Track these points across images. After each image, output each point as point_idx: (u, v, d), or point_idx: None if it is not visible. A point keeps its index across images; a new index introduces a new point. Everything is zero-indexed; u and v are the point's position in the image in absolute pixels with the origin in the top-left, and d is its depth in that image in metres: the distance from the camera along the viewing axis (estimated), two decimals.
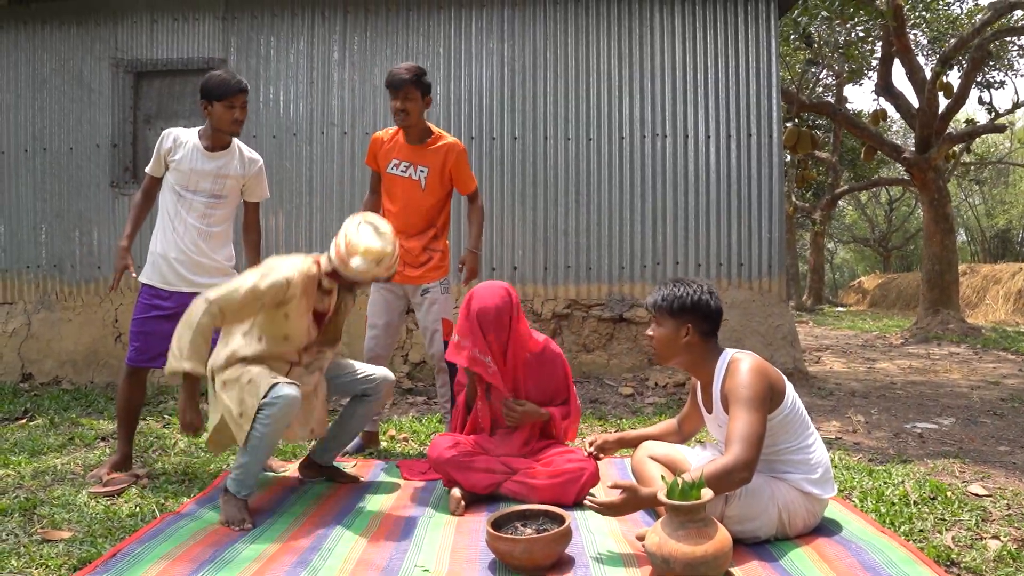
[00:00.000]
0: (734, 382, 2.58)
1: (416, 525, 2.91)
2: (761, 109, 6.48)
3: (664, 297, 2.73)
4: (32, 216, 6.85)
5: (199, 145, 3.66)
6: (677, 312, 2.69)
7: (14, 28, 6.90)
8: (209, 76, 3.63)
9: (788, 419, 2.64)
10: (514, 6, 6.61)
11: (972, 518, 2.85)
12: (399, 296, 4.10)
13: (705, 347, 2.74)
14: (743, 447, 2.44)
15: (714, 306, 2.73)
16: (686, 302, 2.69)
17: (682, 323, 2.70)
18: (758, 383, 2.55)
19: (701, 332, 2.72)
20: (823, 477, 2.66)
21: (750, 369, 2.59)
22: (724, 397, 2.65)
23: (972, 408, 5.44)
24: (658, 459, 2.98)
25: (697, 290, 2.72)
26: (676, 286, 2.74)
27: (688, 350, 2.73)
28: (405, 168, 3.96)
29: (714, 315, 2.74)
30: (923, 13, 15.17)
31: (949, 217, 12.25)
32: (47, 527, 2.91)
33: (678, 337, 2.72)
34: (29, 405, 5.66)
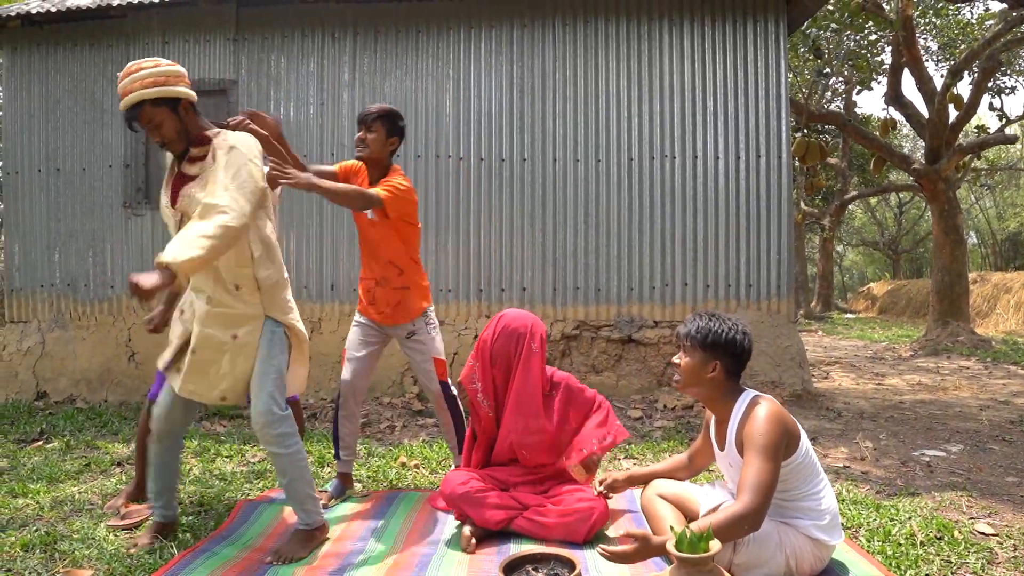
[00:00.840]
0: (751, 428, 2.59)
1: (428, 564, 2.95)
2: (770, 129, 6.51)
3: (699, 329, 2.74)
4: (46, 236, 6.93)
5: None
6: (709, 346, 2.71)
7: (27, 50, 6.99)
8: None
9: (800, 466, 2.67)
10: (523, 27, 6.65)
11: (978, 560, 2.87)
12: (379, 333, 3.96)
13: (728, 385, 2.76)
14: (754, 496, 2.46)
15: (746, 346, 2.74)
16: (720, 338, 2.70)
17: (711, 358, 2.71)
18: (775, 432, 2.56)
19: (727, 370, 2.74)
20: (831, 523, 2.69)
21: (768, 416, 2.59)
22: (739, 439, 2.67)
23: (981, 432, 5.45)
24: (667, 498, 3.02)
25: (732, 328, 2.73)
26: (712, 320, 2.75)
27: (711, 385, 2.75)
28: None
29: (743, 355, 2.75)
30: (933, 19, 15.16)
31: (959, 228, 12.23)
32: (69, 565, 2.96)
33: (704, 371, 2.73)
34: (45, 426, 5.73)
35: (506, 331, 3.34)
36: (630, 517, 3.48)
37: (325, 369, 6.54)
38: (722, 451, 2.82)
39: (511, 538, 3.18)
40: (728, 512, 2.46)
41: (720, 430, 2.82)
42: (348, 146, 6.69)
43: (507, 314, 3.42)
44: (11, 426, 5.80)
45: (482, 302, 6.57)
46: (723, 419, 2.79)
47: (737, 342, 2.71)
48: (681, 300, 6.49)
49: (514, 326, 3.35)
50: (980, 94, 12.18)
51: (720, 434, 2.82)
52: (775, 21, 6.55)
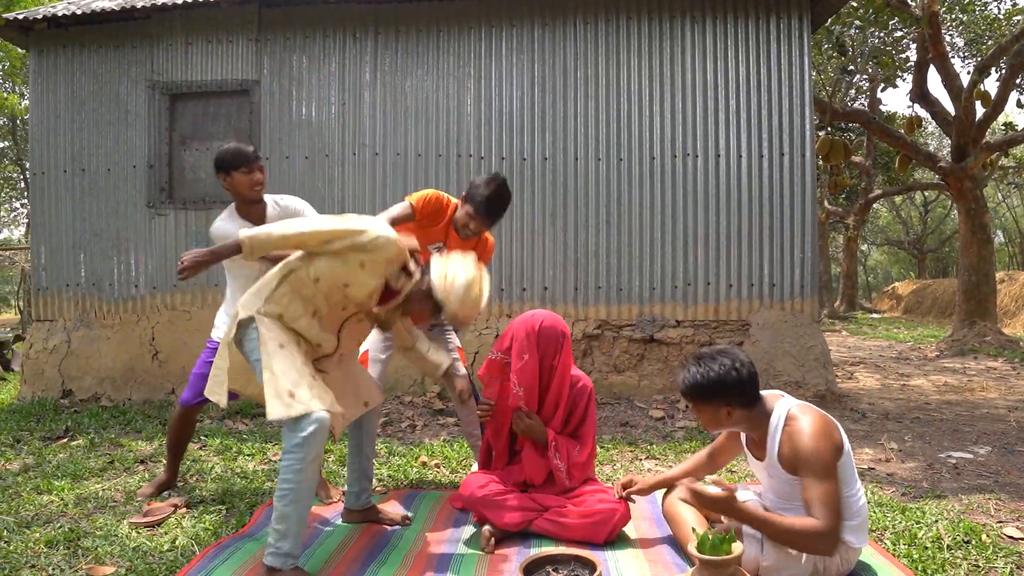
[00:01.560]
0: (802, 450, 2.51)
1: (448, 564, 2.94)
2: (794, 127, 6.44)
3: (691, 387, 2.64)
4: (71, 236, 7.00)
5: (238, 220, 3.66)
6: (710, 397, 2.62)
7: (53, 52, 7.07)
8: (221, 150, 3.62)
9: (842, 466, 2.60)
10: (544, 26, 6.63)
11: (1007, 565, 2.82)
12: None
13: (751, 413, 2.67)
14: (828, 514, 2.43)
15: (744, 376, 2.61)
16: (716, 386, 2.60)
17: (720, 405, 2.63)
18: (827, 451, 2.50)
19: (741, 406, 2.64)
20: (860, 525, 2.62)
21: (816, 434, 2.51)
22: (785, 457, 2.58)
23: (1009, 434, 5.36)
24: (690, 502, 2.99)
25: (721, 369, 2.60)
26: (699, 369, 2.63)
27: (734, 422, 2.69)
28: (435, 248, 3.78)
29: (747, 385, 2.63)
30: (960, 15, 14.95)
31: (986, 227, 12.05)
32: (92, 562, 2.99)
33: (720, 416, 2.66)
34: (70, 423, 5.79)
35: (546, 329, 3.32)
36: (652, 520, 3.45)
37: None
38: (761, 461, 2.74)
39: (531, 539, 3.17)
40: (803, 523, 2.43)
41: (758, 443, 2.74)
42: (369, 145, 6.70)
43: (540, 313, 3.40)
44: (37, 423, 5.87)
45: (503, 302, 6.56)
46: (760, 435, 2.71)
47: (732, 380, 2.59)
48: (704, 300, 6.44)
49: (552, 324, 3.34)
50: (1008, 91, 11.99)
51: (757, 446, 2.75)
52: (799, 18, 6.48)
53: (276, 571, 2.65)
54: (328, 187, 6.72)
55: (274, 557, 2.65)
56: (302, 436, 2.61)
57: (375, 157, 6.72)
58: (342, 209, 6.68)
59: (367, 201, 6.68)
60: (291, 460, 2.64)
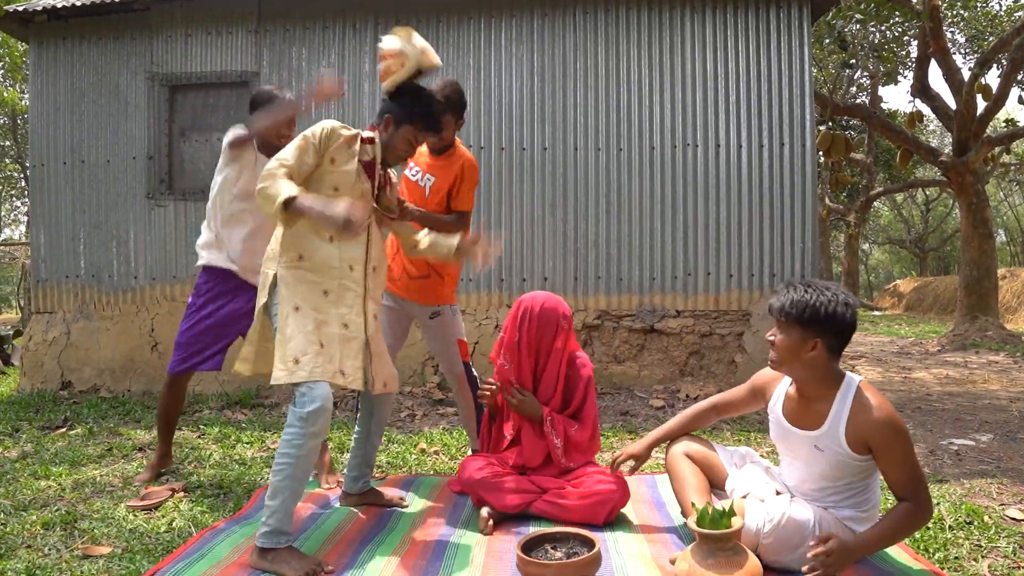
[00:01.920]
0: (884, 427, 2.39)
1: (447, 545, 2.92)
2: (794, 118, 6.42)
3: (794, 303, 2.45)
4: (71, 227, 6.99)
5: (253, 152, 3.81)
6: (808, 322, 2.43)
7: (53, 43, 7.06)
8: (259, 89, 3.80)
9: None
10: (543, 16, 6.62)
11: (1010, 545, 2.80)
12: (402, 315, 3.92)
13: (829, 365, 2.49)
14: (922, 493, 2.42)
15: (849, 319, 2.43)
16: (819, 313, 2.41)
17: (811, 335, 2.44)
18: (907, 435, 2.43)
19: (829, 348, 2.46)
20: (870, 517, 2.58)
21: (891, 411, 2.42)
22: (853, 432, 2.45)
23: (1011, 423, 5.34)
24: (693, 458, 2.94)
25: (832, 300, 2.42)
26: (808, 291, 2.45)
27: (810, 364, 2.48)
28: (416, 173, 3.80)
29: (848, 332, 2.46)
30: (961, 11, 14.93)
31: (988, 221, 12.03)
32: (88, 542, 2.98)
33: (803, 349, 2.46)
34: (68, 414, 5.78)
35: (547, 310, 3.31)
36: (651, 503, 3.43)
37: None
38: (807, 431, 2.56)
39: (530, 521, 3.15)
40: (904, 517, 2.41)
41: (807, 409, 2.58)
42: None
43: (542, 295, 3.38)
44: (36, 414, 5.86)
45: (503, 291, 6.54)
46: (812, 397, 2.56)
47: (839, 315, 2.41)
48: (704, 290, 6.42)
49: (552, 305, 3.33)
50: (1009, 85, 11.97)
51: (807, 413, 2.58)
52: (799, 8, 6.46)
53: (268, 551, 2.63)
54: None
55: (266, 537, 2.64)
56: (305, 412, 2.63)
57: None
58: None
59: None
60: (291, 434, 2.65)
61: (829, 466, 2.55)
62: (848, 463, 2.50)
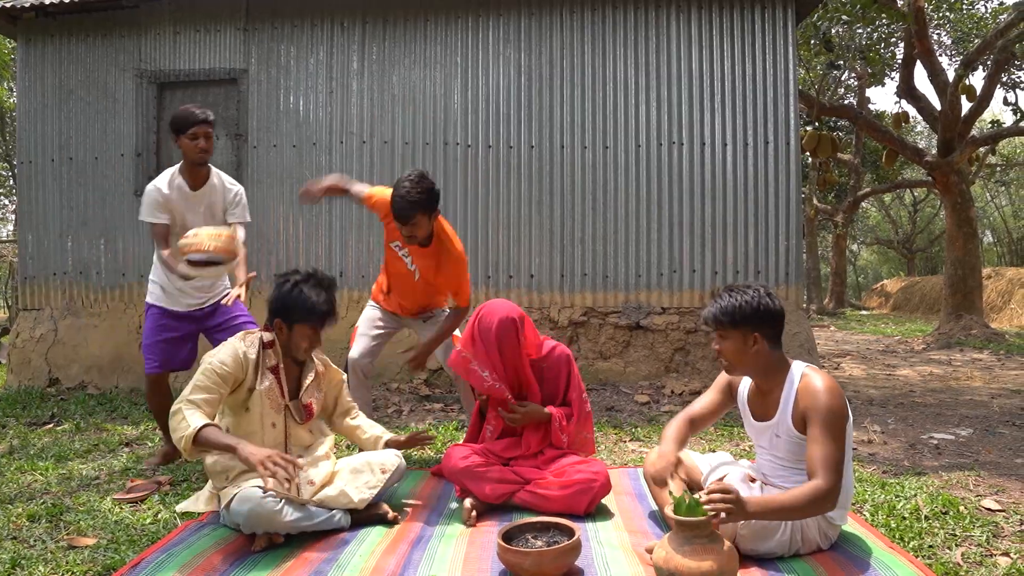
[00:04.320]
0: (817, 404, 2.52)
1: (430, 536, 2.95)
2: (778, 116, 6.48)
3: (724, 310, 2.64)
4: (58, 224, 6.99)
5: (183, 186, 3.95)
6: (740, 322, 2.62)
7: (41, 40, 7.05)
8: (174, 112, 3.94)
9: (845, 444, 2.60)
10: (531, 15, 6.65)
11: (983, 534, 2.85)
12: (394, 321, 4.15)
13: (772, 354, 2.67)
14: (831, 474, 2.44)
15: (776, 308, 2.65)
16: (747, 311, 2.61)
17: (748, 333, 2.63)
18: (841, 409, 2.52)
19: (767, 338, 2.65)
20: (843, 502, 2.63)
21: (832, 391, 2.54)
22: (799, 414, 2.59)
23: (991, 418, 5.41)
24: None
25: (755, 296, 2.64)
26: (733, 295, 2.65)
27: (758, 358, 2.66)
28: (404, 254, 3.89)
29: (778, 317, 2.66)
30: (947, 13, 15.05)
31: (972, 221, 12.13)
32: (73, 533, 3.00)
33: (746, 347, 2.65)
34: (56, 410, 5.78)
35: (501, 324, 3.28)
36: (633, 495, 3.47)
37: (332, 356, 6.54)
38: (766, 421, 2.72)
39: (513, 512, 3.19)
40: (809, 490, 2.42)
41: (765, 401, 2.74)
42: (356, 134, 6.71)
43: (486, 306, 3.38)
44: (23, 410, 5.85)
45: (490, 289, 6.57)
46: (768, 389, 2.71)
47: (766, 307, 2.63)
48: (689, 287, 6.47)
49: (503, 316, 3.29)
50: (993, 86, 12.08)
51: (765, 404, 2.74)
52: (783, 7, 6.52)
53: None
54: (315, 175, 6.71)
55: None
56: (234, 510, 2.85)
57: (362, 145, 6.73)
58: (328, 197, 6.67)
59: None
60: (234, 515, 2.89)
61: (789, 452, 2.67)
62: (803, 445, 2.60)
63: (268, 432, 3.05)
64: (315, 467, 3.07)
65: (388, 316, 4.13)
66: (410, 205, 3.51)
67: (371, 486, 3.06)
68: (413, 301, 4.08)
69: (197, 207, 3.97)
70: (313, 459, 3.11)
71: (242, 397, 3.05)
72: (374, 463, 3.16)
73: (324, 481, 3.02)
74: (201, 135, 3.84)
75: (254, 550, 2.76)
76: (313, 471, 3.04)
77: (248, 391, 3.04)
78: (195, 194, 3.97)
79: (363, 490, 3.03)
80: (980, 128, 15.69)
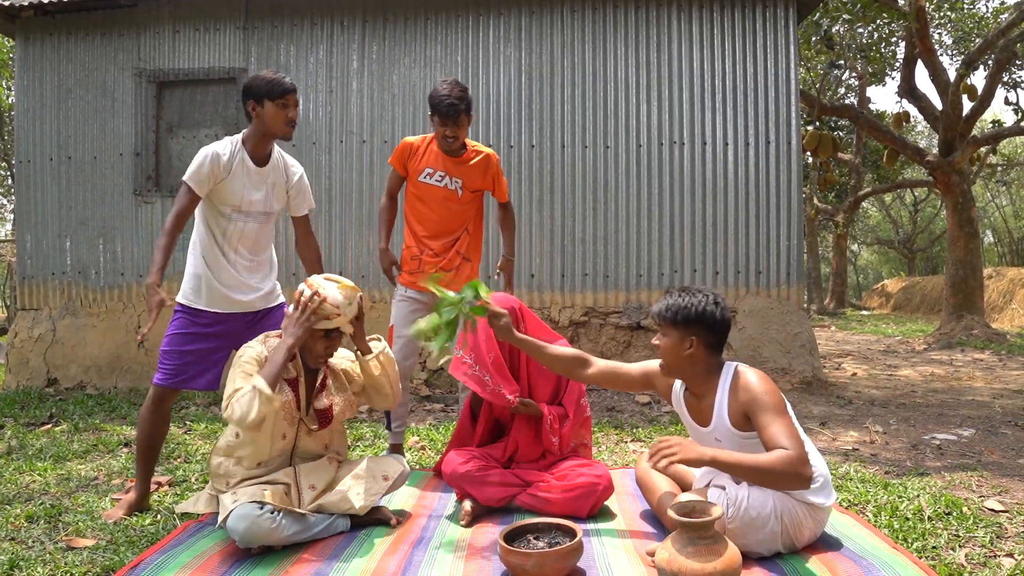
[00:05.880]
0: (752, 393, 2.56)
1: (431, 537, 2.93)
2: (780, 115, 6.46)
3: (668, 307, 2.67)
4: (57, 224, 6.97)
5: (247, 160, 3.35)
6: (681, 323, 2.64)
7: (39, 39, 7.04)
8: (256, 76, 3.32)
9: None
10: (531, 14, 6.64)
11: (987, 535, 2.83)
12: (425, 305, 4.03)
13: (708, 360, 2.69)
14: (794, 442, 2.43)
15: (719, 317, 2.65)
16: (691, 313, 2.63)
17: (687, 335, 2.64)
18: (776, 391, 2.57)
19: (706, 344, 2.66)
20: (823, 485, 2.64)
21: (762, 378, 2.59)
22: (735, 410, 2.62)
23: (993, 418, 5.39)
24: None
25: (703, 300, 2.65)
26: (682, 296, 2.68)
27: (691, 362, 2.68)
28: (440, 178, 3.97)
29: (720, 327, 2.67)
30: (948, 12, 15.04)
31: (973, 221, 12.11)
32: (72, 534, 2.98)
33: (682, 348, 2.66)
34: (54, 410, 5.77)
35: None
36: (634, 495, 3.45)
37: None
38: (705, 427, 2.74)
39: (514, 513, 3.17)
40: (777, 455, 2.39)
41: (700, 405, 2.75)
42: (356, 133, 6.70)
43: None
44: (21, 410, 5.84)
45: (491, 288, 6.51)
46: (702, 394, 2.73)
47: (709, 313, 2.63)
48: None
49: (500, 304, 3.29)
50: (994, 85, 12.07)
51: (701, 409, 2.75)
52: (784, 6, 6.51)
53: None
54: (315, 175, 6.70)
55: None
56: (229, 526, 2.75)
57: (362, 145, 6.71)
58: (328, 196, 6.68)
59: (354, 188, 6.68)
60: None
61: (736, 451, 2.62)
62: (747, 443, 2.61)
63: (276, 443, 2.99)
64: (316, 472, 3.04)
65: (420, 303, 4.02)
66: (459, 101, 3.73)
67: (373, 493, 3.03)
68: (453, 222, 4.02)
69: (260, 186, 3.39)
70: (314, 464, 3.09)
71: None
72: (376, 470, 3.13)
73: (325, 486, 3.00)
74: (293, 104, 3.31)
75: (254, 552, 2.74)
76: (314, 476, 3.02)
77: None
78: (260, 171, 3.39)
79: (365, 496, 3.00)
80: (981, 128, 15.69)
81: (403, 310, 4.04)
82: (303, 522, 2.83)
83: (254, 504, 2.70)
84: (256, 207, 3.39)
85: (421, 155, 3.98)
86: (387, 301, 6.60)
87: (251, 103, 3.29)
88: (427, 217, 4.01)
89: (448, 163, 3.96)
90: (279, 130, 3.33)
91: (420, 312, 3.93)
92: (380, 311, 6.56)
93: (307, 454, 3.12)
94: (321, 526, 2.89)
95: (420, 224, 4.03)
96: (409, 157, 4.00)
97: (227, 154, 3.29)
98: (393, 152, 4.07)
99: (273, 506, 2.72)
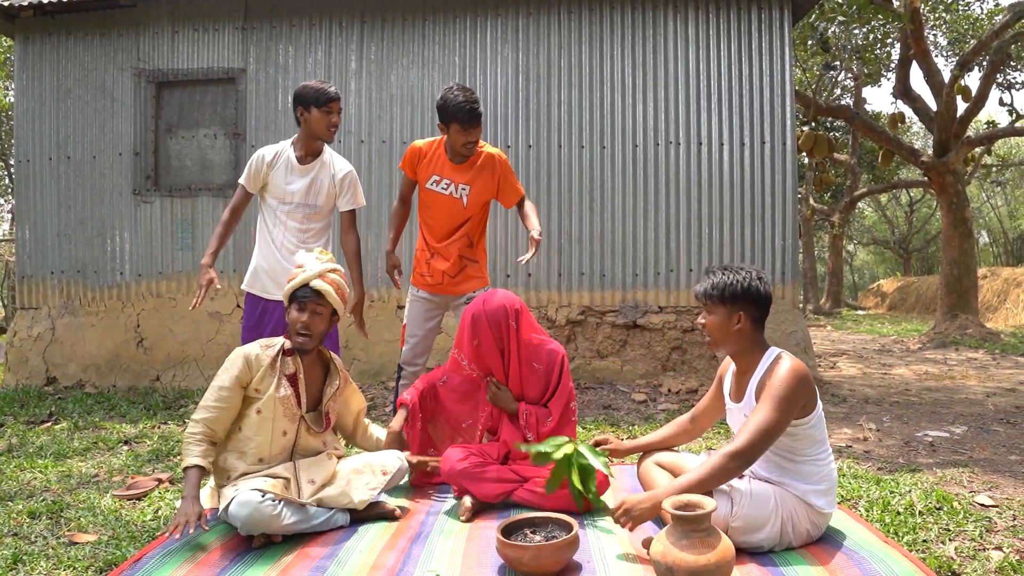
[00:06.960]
0: (773, 379, 2.61)
1: (429, 532, 2.97)
2: (775, 116, 6.51)
3: (715, 285, 2.74)
4: (56, 223, 7.00)
5: (291, 158, 3.92)
6: (728, 300, 2.71)
7: (39, 39, 7.06)
8: (304, 85, 3.86)
9: (814, 430, 2.68)
10: (528, 15, 6.68)
11: (976, 529, 2.88)
12: (437, 305, 4.19)
13: (755, 335, 2.76)
14: (751, 438, 2.51)
15: (764, 292, 2.74)
16: (737, 289, 2.70)
17: (734, 310, 2.72)
18: (794, 386, 2.58)
19: (752, 319, 2.74)
20: (828, 491, 2.68)
21: (792, 370, 2.61)
22: (759, 389, 2.68)
23: (985, 416, 5.44)
24: (663, 465, 3.04)
25: (747, 276, 2.73)
26: (726, 274, 2.75)
27: (739, 337, 2.75)
28: (446, 186, 4.01)
29: (764, 301, 2.75)
30: (943, 14, 15.12)
31: (967, 221, 12.17)
32: (73, 530, 3.01)
33: (730, 324, 2.73)
34: (54, 409, 5.79)
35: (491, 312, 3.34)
36: (631, 492, 3.49)
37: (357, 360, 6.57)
38: (738, 403, 2.81)
39: (511, 509, 3.21)
40: (718, 454, 2.51)
41: (740, 381, 2.82)
42: (355, 133, 6.74)
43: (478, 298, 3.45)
44: (21, 409, 5.86)
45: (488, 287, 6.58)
46: (746, 370, 2.79)
47: (754, 289, 2.72)
48: (686, 286, 6.50)
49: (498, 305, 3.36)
50: (989, 86, 12.13)
51: (739, 385, 2.82)
52: (779, 8, 6.55)
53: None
54: None
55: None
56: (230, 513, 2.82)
57: (361, 145, 6.75)
58: None
59: None
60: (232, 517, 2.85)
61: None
62: None
63: (277, 440, 3.03)
64: (316, 467, 3.08)
65: (432, 303, 4.15)
66: (478, 105, 3.82)
67: (372, 487, 3.08)
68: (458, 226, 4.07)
69: (300, 180, 3.91)
70: (314, 459, 3.12)
71: (251, 397, 3.02)
72: (375, 464, 3.17)
73: (325, 481, 3.04)
74: (336, 110, 3.86)
75: (254, 546, 2.78)
76: (314, 470, 3.05)
77: (255, 391, 3.01)
78: (302, 167, 3.92)
79: (364, 491, 3.05)
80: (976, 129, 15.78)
81: (415, 310, 4.17)
82: (304, 512, 2.87)
83: (256, 492, 2.74)
84: (295, 198, 3.89)
85: (429, 161, 4.03)
86: (385, 301, 6.64)
87: (300, 109, 3.84)
88: (434, 222, 4.09)
89: (454, 170, 3.99)
90: (322, 133, 3.86)
91: (432, 311, 4.15)
92: (379, 311, 6.60)
93: (307, 450, 3.16)
94: (321, 518, 2.93)
95: (428, 228, 4.12)
96: (418, 161, 4.05)
97: (272, 153, 3.92)
98: (403, 156, 4.13)
99: (274, 495, 2.76)
